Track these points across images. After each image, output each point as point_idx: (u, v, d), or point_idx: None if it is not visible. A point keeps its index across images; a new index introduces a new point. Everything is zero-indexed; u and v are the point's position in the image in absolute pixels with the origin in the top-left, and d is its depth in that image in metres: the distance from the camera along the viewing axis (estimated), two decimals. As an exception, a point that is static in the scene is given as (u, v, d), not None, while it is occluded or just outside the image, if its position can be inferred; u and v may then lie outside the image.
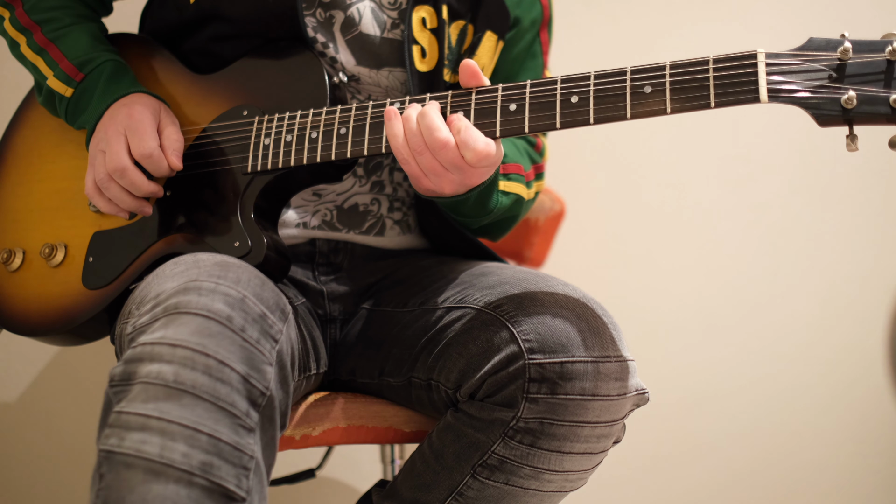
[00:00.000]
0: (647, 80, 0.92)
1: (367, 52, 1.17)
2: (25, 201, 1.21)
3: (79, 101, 1.14)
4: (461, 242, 1.22)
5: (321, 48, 1.15)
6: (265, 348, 0.89)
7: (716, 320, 1.97)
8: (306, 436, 1.10)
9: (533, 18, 1.26)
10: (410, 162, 0.99)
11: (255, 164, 1.08)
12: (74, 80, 1.13)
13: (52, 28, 1.16)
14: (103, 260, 1.12)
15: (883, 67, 0.85)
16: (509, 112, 0.98)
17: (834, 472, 1.99)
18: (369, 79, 1.18)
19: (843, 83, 0.86)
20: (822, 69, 0.87)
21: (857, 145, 0.86)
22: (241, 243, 1.05)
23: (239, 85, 1.13)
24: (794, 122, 1.97)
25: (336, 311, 1.20)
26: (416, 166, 0.99)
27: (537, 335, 0.96)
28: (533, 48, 1.28)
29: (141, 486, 0.80)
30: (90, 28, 1.19)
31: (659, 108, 0.92)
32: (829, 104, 0.86)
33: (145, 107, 1.10)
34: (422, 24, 1.17)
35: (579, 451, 0.98)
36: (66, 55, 1.14)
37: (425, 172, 1.00)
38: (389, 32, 1.17)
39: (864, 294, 1.99)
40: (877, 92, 0.84)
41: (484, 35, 1.20)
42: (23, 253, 1.18)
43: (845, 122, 0.86)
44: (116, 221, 1.14)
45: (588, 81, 0.95)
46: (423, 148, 0.97)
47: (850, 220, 1.99)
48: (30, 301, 1.16)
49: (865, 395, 1.99)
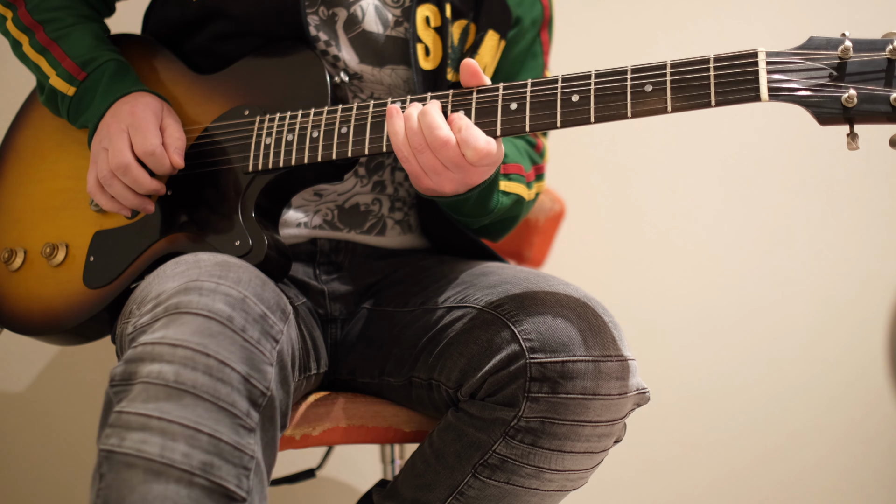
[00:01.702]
0: (647, 79, 0.92)
1: (370, 50, 1.17)
2: (27, 201, 1.21)
3: (81, 99, 1.14)
4: (463, 242, 1.22)
5: (323, 46, 1.16)
6: (266, 348, 0.89)
7: (716, 320, 1.97)
8: (306, 436, 1.10)
9: (534, 18, 1.27)
10: (411, 160, 0.99)
11: (256, 163, 1.08)
12: (77, 79, 1.14)
13: (54, 28, 1.16)
14: (104, 259, 1.12)
15: (883, 66, 0.85)
16: (510, 111, 0.98)
17: (834, 472, 1.99)
18: (372, 77, 1.18)
19: (844, 82, 0.86)
20: (822, 68, 0.87)
21: (858, 144, 0.86)
22: (241, 242, 1.05)
23: (240, 85, 1.13)
24: (794, 122, 1.97)
25: (337, 310, 1.20)
26: (417, 164, 0.99)
27: (538, 334, 0.96)
28: (533, 48, 1.28)
29: (141, 485, 0.80)
30: (92, 28, 1.19)
31: (660, 107, 0.92)
32: (830, 103, 0.86)
33: (147, 105, 1.10)
34: (425, 22, 1.17)
35: (580, 451, 0.98)
36: (68, 54, 1.15)
37: (426, 171, 0.99)
38: (393, 30, 1.18)
39: (864, 294, 1.99)
40: (877, 90, 0.84)
41: (486, 34, 1.20)
42: (24, 252, 1.18)
43: (846, 121, 0.86)
44: (117, 221, 1.14)
45: (589, 80, 0.95)
46: (424, 146, 0.97)
47: (850, 221, 1.99)
48: (31, 300, 1.16)
49: (865, 396, 1.99)
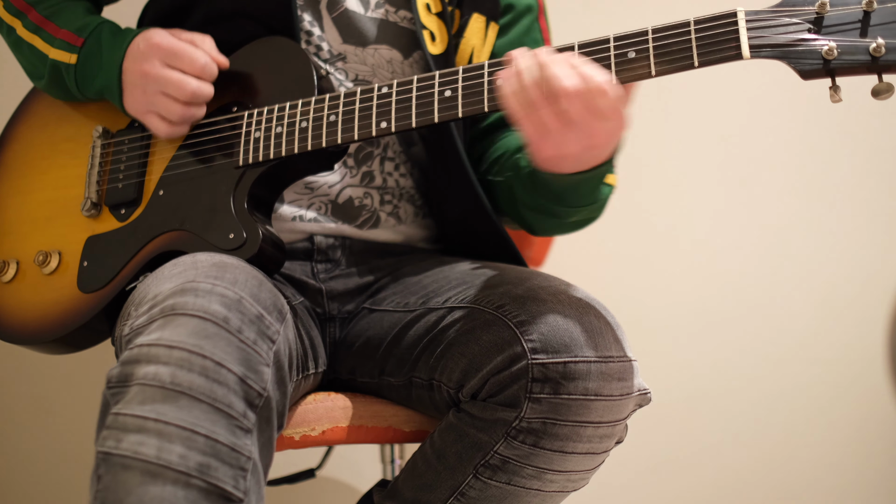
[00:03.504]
0: (630, 46, 0.94)
1: (353, 30, 1.19)
2: (18, 213, 1.21)
3: (85, 64, 1.14)
4: (479, 230, 1.20)
5: (308, 26, 1.17)
6: (262, 349, 0.89)
7: (716, 320, 1.97)
8: (306, 436, 1.10)
9: (527, 4, 1.29)
10: (529, 115, 0.92)
11: (246, 157, 1.08)
12: (75, 46, 1.14)
13: (45, 7, 1.18)
14: (98, 263, 1.12)
15: (860, 17, 0.87)
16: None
17: (834, 472, 1.98)
18: (355, 57, 1.19)
19: (823, 34, 0.88)
20: (801, 23, 0.89)
21: (841, 96, 0.87)
22: (235, 235, 1.05)
23: (227, 83, 1.14)
24: (794, 121, 1.97)
25: (335, 309, 1.20)
26: (538, 120, 0.92)
27: (540, 335, 0.95)
28: (533, 34, 1.29)
29: (138, 487, 0.79)
30: (84, 4, 1.21)
31: (644, 72, 0.94)
32: (811, 56, 0.88)
33: (159, 32, 1.11)
34: (426, 9, 1.19)
35: (582, 451, 0.97)
36: (60, 27, 1.16)
37: (548, 129, 0.93)
38: (373, 11, 1.19)
39: (864, 294, 1.99)
40: (856, 41, 0.86)
41: (470, 17, 1.22)
42: (16, 263, 1.18)
43: (827, 74, 0.88)
44: (110, 224, 1.14)
45: (573, 52, 0.96)
46: (545, 98, 0.91)
47: (850, 220, 1.99)
48: (25, 310, 1.16)
49: (865, 395, 1.99)
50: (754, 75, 1.74)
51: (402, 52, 1.21)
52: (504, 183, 1.20)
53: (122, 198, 1.14)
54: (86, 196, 1.16)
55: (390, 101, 1.03)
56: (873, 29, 0.86)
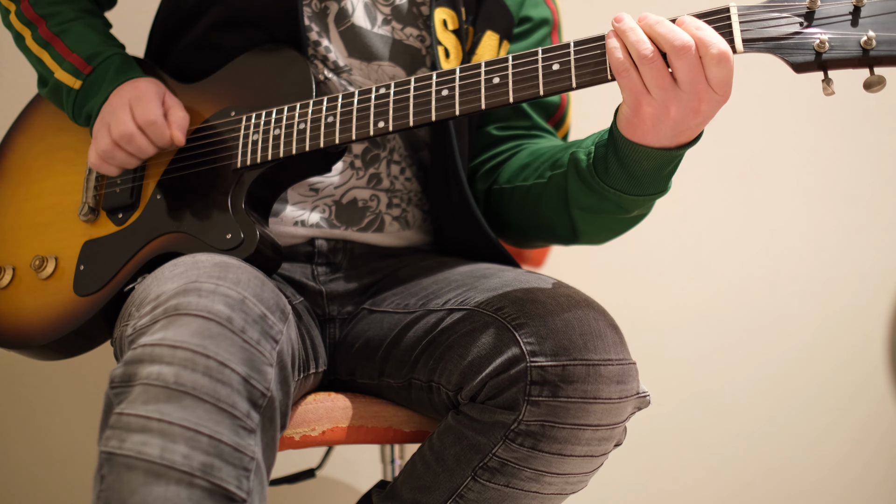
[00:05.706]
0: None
1: (358, 45, 1.19)
2: (15, 220, 1.22)
3: (87, 92, 1.15)
4: (477, 239, 1.20)
5: (315, 37, 1.17)
6: (265, 349, 0.89)
7: (716, 321, 1.97)
8: (306, 436, 1.10)
9: (543, 17, 1.29)
10: (632, 71, 0.91)
11: (244, 159, 1.09)
12: (83, 73, 1.15)
13: (56, 22, 1.18)
14: (95, 267, 1.12)
15: (850, 10, 0.88)
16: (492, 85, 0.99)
17: (834, 472, 1.99)
18: (360, 71, 1.19)
19: (814, 27, 0.89)
20: (792, 17, 0.90)
21: (833, 89, 0.88)
22: (232, 235, 1.05)
23: (226, 89, 1.15)
24: (794, 121, 1.97)
25: (335, 311, 1.20)
26: (649, 74, 0.90)
27: (539, 338, 0.96)
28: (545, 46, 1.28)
29: (142, 487, 0.79)
30: (94, 23, 1.21)
31: None
32: (803, 49, 0.89)
33: (150, 82, 1.13)
34: (443, 25, 1.19)
35: (580, 454, 0.97)
36: (71, 49, 1.16)
37: (658, 85, 0.91)
38: (380, 28, 1.19)
39: (864, 295, 1.99)
40: (847, 34, 0.87)
41: (483, 35, 1.22)
42: (12, 269, 1.18)
43: (819, 67, 0.89)
44: (107, 229, 1.14)
45: (568, 49, 0.96)
46: (654, 54, 0.90)
47: (850, 221, 1.99)
48: (21, 315, 1.16)
49: (866, 396, 1.99)
50: (755, 75, 1.74)
51: (405, 69, 1.21)
52: (544, 184, 1.16)
53: (120, 202, 1.15)
54: (83, 201, 1.17)
55: (388, 101, 1.04)
56: (864, 22, 0.87)
